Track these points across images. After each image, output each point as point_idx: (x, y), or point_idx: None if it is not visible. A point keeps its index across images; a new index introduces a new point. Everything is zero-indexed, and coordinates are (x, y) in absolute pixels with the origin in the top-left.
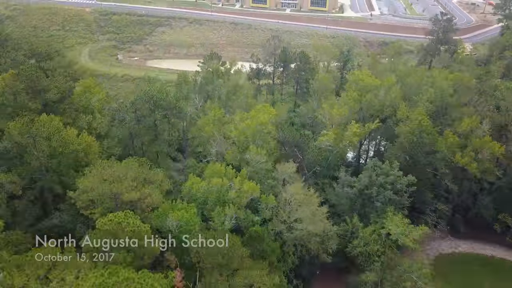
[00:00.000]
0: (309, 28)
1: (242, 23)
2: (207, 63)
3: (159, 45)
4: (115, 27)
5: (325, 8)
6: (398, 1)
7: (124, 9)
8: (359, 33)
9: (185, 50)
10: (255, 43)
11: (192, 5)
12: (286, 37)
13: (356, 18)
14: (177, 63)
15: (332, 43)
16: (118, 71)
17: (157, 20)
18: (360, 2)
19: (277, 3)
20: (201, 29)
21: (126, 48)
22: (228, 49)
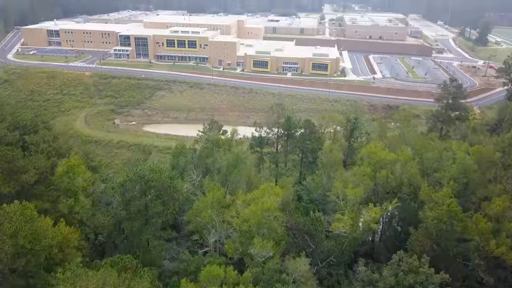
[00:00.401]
0: (311, 92)
1: (244, 87)
2: (206, 133)
3: (158, 109)
4: (114, 91)
5: (327, 72)
6: (399, 65)
7: (124, 72)
8: (363, 96)
9: (184, 114)
10: (257, 107)
11: (193, 69)
12: (288, 101)
13: (359, 81)
14: (176, 128)
15: (335, 107)
16: (114, 137)
17: (157, 83)
18: (361, 66)
19: (278, 67)
20: (202, 93)
21: (124, 112)
22: (229, 113)
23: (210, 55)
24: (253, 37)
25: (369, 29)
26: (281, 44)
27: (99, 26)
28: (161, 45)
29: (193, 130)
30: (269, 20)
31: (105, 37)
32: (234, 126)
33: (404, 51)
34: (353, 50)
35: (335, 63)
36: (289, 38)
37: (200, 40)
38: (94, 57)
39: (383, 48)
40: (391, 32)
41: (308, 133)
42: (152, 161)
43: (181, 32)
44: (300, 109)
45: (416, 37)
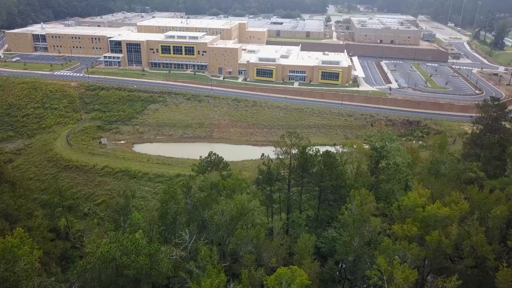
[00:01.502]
0: (322, 105)
1: (246, 99)
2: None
3: (151, 125)
4: (101, 104)
5: (338, 81)
6: (414, 72)
7: (114, 83)
8: (378, 110)
9: (180, 131)
10: (261, 123)
11: (190, 78)
12: (296, 116)
13: (374, 92)
14: (170, 148)
15: (348, 122)
16: (99, 161)
17: (150, 96)
18: (374, 74)
19: (284, 77)
20: (200, 106)
21: (112, 129)
22: (230, 130)
23: (209, 63)
24: (256, 41)
25: (379, 32)
26: (285, 49)
27: (89, 30)
28: (155, 52)
29: (189, 151)
30: (272, 23)
31: (95, 42)
32: (236, 144)
33: (418, 56)
34: (363, 55)
35: (347, 72)
36: (294, 43)
37: (198, 46)
38: (83, 64)
39: (395, 53)
40: (403, 36)
41: (327, 168)
42: (136, 207)
43: (177, 37)
44: (309, 125)
45: (428, 41)
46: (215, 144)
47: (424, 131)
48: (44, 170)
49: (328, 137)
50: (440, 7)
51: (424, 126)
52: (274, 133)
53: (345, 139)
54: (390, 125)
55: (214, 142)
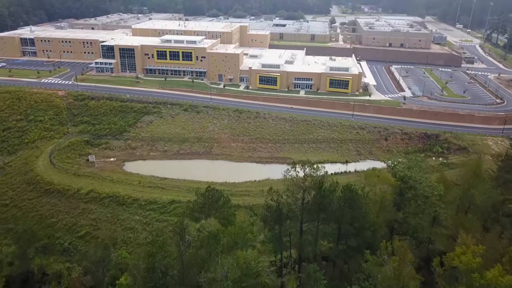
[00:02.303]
0: (331, 116)
1: (249, 110)
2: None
3: (144, 140)
4: (91, 116)
5: (347, 90)
6: (428, 78)
7: (105, 92)
8: (393, 121)
9: (176, 146)
10: (265, 136)
11: (188, 86)
12: (303, 128)
13: (386, 102)
14: (165, 167)
15: (360, 136)
16: (83, 184)
17: (144, 106)
18: (385, 82)
19: (289, 84)
20: (198, 118)
21: (102, 144)
22: (231, 145)
23: (209, 69)
24: (258, 45)
25: (389, 35)
26: (289, 53)
27: (81, 33)
28: (150, 57)
29: (186, 169)
30: (275, 25)
31: (87, 46)
32: (238, 161)
33: (430, 61)
34: (371, 59)
35: (357, 80)
36: (298, 46)
37: (196, 51)
38: (73, 70)
39: (405, 58)
40: (414, 39)
41: (348, 206)
42: (123, 241)
43: (174, 41)
44: (318, 139)
45: (439, 44)
46: (215, 161)
47: (444, 146)
48: (22, 195)
49: (339, 153)
50: (448, 7)
51: (443, 141)
52: (280, 149)
53: (358, 155)
54: (406, 139)
55: (213, 159)
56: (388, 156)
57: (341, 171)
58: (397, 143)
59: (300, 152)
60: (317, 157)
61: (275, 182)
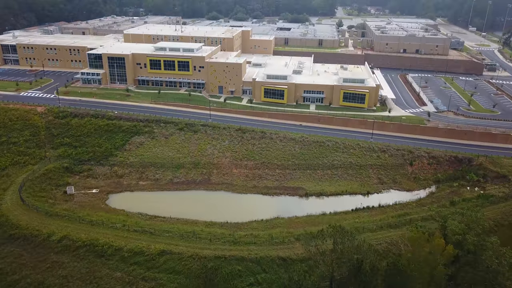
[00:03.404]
0: (346, 136)
1: (253, 129)
2: None
3: (133, 166)
4: (73, 137)
5: (363, 104)
6: (450, 89)
7: (91, 107)
8: (417, 142)
9: (170, 174)
10: (272, 161)
11: (184, 100)
12: (316, 151)
13: (408, 118)
14: (155, 200)
15: (382, 160)
16: (57, 227)
17: (134, 125)
18: (403, 93)
19: (297, 98)
20: (195, 138)
21: (83, 171)
22: (233, 171)
23: (208, 80)
24: (261, 51)
25: (403, 40)
26: (296, 61)
27: (68, 39)
28: (142, 67)
29: (180, 204)
30: (279, 29)
31: (74, 54)
32: (241, 192)
33: (448, 68)
34: (384, 66)
35: (374, 93)
36: (305, 53)
37: (194, 60)
38: (57, 81)
39: (422, 65)
40: (430, 45)
41: None
42: None
43: (169, 49)
44: (333, 164)
45: (456, 49)
46: (214, 192)
47: (480, 174)
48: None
49: (358, 181)
50: (459, 9)
51: (478, 166)
52: (289, 176)
53: (380, 183)
54: (434, 164)
55: (212, 190)
56: (415, 184)
57: (363, 206)
58: (424, 168)
59: (313, 181)
60: (333, 187)
61: (286, 223)
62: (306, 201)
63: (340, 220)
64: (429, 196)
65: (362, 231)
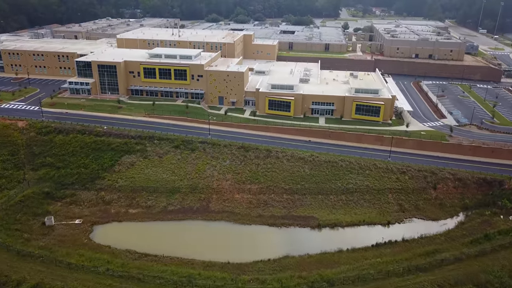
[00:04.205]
0: (361, 155)
1: (257, 147)
2: None
3: (122, 191)
4: (56, 156)
5: (378, 117)
6: (469, 99)
7: (77, 122)
8: (439, 161)
9: (163, 200)
10: (280, 185)
11: (181, 113)
12: (328, 172)
13: (428, 134)
14: (147, 233)
15: (403, 183)
16: (29, 271)
17: (124, 142)
18: (420, 104)
19: (305, 110)
20: (193, 158)
21: (66, 197)
22: (235, 197)
23: (207, 90)
24: (265, 57)
25: (415, 45)
26: (302, 67)
27: (57, 44)
28: (136, 76)
29: (175, 238)
30: (282, 32)
31: (62, 60)
32: (245, 223)
33: (464, 75)
34: (395, 73)
35: (390, 105)
36: (311, 58)
37: (192, 68)
38: (43, 91)
39: (435, 71)
40: (444, 50)
41: None
42: None
43: (165, 56)
44: (348, 189)
45: (470, 54)
46: (214, 223)
47: None
48: None
49: (376, 209)
50: (468, 10)
51: (511, 191)
52: (299, 202)
53: (401, 211)
54: (460, 187)
55: (211, 219)
56: (441, 212)
57: (385, 241)
58: (450, 192)
59: (326, 208)
60: (349, 216)
61: (296, 263)
62: (318, 233)
63: (359, 259)
64: (458, 227)
65: (387, 276)
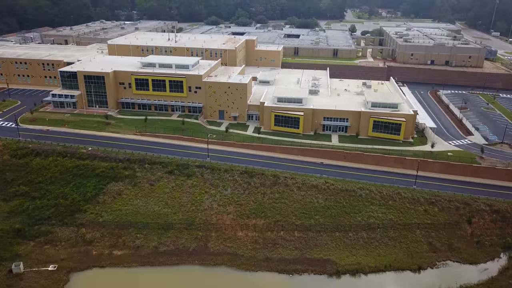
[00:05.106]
0: (383, 183)
1: (262, 171)
2: None
3: (106, 227)
4: (31, 184)
5: (399, 135)
6: (494, 112)
7: (59, 141)
8: (471, 189)
9: (155, 239)
10: (289, 218)
11: (176, 130)
12: (345, 204)
13: (456, 155)
14: (133, 283)
15: (433, 217)
16: None
17: (111, 166)
18: (441, 118)
19: (316, 126)
20: (188, 185)
21: (41, 234)
22: (237, 234)
23: (206, 104)
24: (268, 63)
25: (431, 50)
26: (309, 75)
27: (44, 50)
28: (127, 87)
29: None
30: (286, 36)
31: (48, 69)
32: (249, 270)
33: (485, 83)
34: (409, 80)
35: (411, 121)
36: (319, 65)
37: (189, 79)
38: (26, 103)
39: (452, 79)
40: (462, 56)
41: None
42: None
43: (160, 65)
44: (369, 224)
45: (488, 59)
46: (213, 269)
47: None
48: None
49: (403, 249)
50: (479, 12)
51: None
52: (312, 242)
53: (433, 251)
54: (499, 221)
55: (210, 264)
56: (479, 253)
57: None
58: (487, 228)
59: (345, 248)
60: (372, 258)
61: None
62: (337, 281)
63: None
64: (502, 274)
65: None
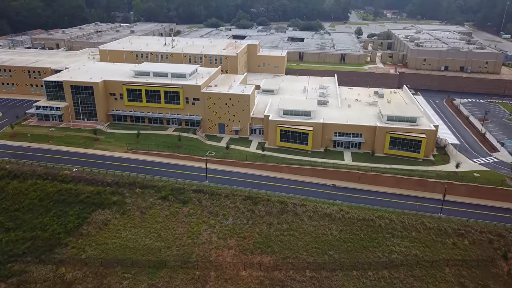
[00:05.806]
0: (404, 209)
1: (268, 197)
2: None
3: (89, 264)
4: (6, 212)
5: (418, 153)
6: None
7: (41, 160)
8: (502, 215)
9: (145, 279)
10: (298, 254)
11: (171, 147)
12: (363, 237)
13: (483, 175)
14: None
15: (462, 251)
16: None
17: (97, 191)
18: (463, 133)
19: (326, 142)
20: (184, 214)
21: (14, 274)
22: (240, 274)
23: (204, 116)
24: (272, 70)
25: (444, 55)
26: (316, 83)
27: (30, 56)
28: (118, 98)
29: None
30: (290, 39)
31: (34, 77)
32: None
33: (505, 91)
34: (422, 88)
35: (432, 138)
36: (325, 71)
37: (186, 90)
38: (8, 115)
39: (469, 86)
40: (479, 61)
41: None
42: None
43: (154, 74)
44: (392, 261)
45: (504, 65)
46: None
47: None
48: None
49: None
50: (489, 13)
51: None
52: (327, 283)
53: None
54: None
55: None
56: None
57: None
58: None
59: None
60: None
61: None
62: None
63: None
64: None
65: None
